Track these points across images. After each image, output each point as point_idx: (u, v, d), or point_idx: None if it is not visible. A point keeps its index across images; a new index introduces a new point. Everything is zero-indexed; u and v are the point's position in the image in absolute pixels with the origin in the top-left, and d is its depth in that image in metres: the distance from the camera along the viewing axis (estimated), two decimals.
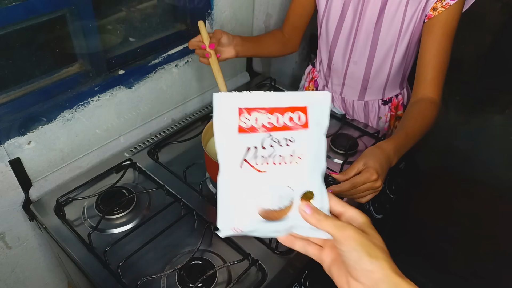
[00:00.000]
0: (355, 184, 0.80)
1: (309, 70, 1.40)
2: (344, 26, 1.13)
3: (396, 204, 1.14)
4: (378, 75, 1.16)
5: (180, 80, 1.25)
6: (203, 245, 0.88)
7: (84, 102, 1.02)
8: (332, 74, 1.25)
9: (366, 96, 1.24)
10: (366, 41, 1.11)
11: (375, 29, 1.07)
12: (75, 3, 0.93)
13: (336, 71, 1.23)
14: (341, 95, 1.28)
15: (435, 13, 0.97)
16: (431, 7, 0.98)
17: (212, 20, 1.25)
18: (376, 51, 1.11)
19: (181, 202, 0.97)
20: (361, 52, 1.14)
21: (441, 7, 0.96)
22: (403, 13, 1.02)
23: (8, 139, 0.90)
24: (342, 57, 1.19)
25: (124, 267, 0.81)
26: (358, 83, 1.21)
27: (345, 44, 1.16)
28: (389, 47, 1.09)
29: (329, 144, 1.17)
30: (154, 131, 1.24)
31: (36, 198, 1.00)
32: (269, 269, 0.83)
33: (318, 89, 1.35)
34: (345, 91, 1.26)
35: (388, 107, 1.25)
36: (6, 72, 0.90)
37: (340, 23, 1.13)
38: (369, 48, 1.12)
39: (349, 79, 1.22)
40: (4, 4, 0.81)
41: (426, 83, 1.00)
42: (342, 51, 1.18)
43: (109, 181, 1.04)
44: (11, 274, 1.06)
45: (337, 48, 1.18)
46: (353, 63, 1.17)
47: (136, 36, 1.15)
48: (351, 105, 1.28)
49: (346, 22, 1.12)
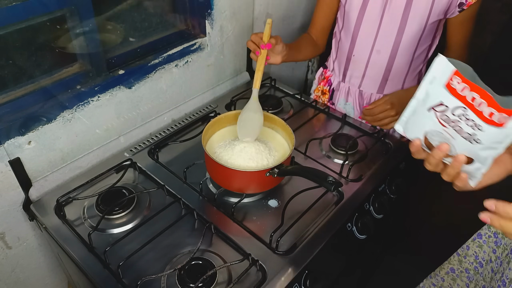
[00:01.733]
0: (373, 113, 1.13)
1: (320, 72, 1.41)
2: (367, 13, 1.13)
3: (396, 204, 1.14)
4: (400, 65, 1.17)
5: (180, 80, 1.25)
6: (203, 245, 0.88)
7: (84, 102, 1.02)
8: (352, 65, 1.25)
9: (386, 89, 1.23)
10: (392, 27, 1.10)
11: (404, 13, 1.07)
12: (75, 3, 0.93)
13: (357, 62, 1.23)
14: (359, 88, 1.28)
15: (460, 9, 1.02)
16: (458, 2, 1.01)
17: (212, 20, 1.25)
18: (403, 38, 1.11)
19: (181, 202, 0.97)
20: (385, 40, 1.14)
21: None
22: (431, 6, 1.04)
23: (8, 139, 0.90)
24: (365, 46, 1.18)
25: (124, 267, 0.81)
26: (379, 73, 1.21)
27: (369, 32, 1.16)
28: (416, 33, 1.09)
29: (329, 144, 1.17)
30: (154, 131, 1.24)
31: (36, 198, 1.00)
32: (269, 269, 0.83)
33: (331, 87, 1.35)
34: (364, 83, 1.26)
35: None
36: (6, 72, 0.90)
37: (363, 10, 1.13)
38: (395, 35, 1.11)
39: (371, 70, 1.22)
40: (4, 4, 0.81)
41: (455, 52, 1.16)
42: (365, 40, 1.17)
43: (109, 181, 1.04)
44: (11, 274, 1.06)
45: (359, 37, 1.18)
46: (376, 52, 1.17)
47: (136, 36, 1.15)
48: (369, 99, 1.28)
49: (370, 9, 1.12)
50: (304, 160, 1.12)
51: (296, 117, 1.28)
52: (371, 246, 1.26)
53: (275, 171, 0.90)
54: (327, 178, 0.81)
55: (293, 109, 1.34)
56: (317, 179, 0.84)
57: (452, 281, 1.01)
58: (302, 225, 0.92)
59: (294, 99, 1.38)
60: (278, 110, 1.31)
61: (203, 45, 1.27)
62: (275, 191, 1.02)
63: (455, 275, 1.00)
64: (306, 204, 0.95)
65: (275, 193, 1.02)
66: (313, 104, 1.34)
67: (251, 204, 0.99)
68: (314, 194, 0.97)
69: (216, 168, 0.94)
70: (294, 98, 1.38)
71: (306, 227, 0.93)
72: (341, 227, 0.95)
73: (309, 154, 1.13)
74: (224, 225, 0.93)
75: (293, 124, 1.12)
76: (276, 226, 0.90)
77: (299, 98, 1.38)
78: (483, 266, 0.92)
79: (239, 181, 0.95)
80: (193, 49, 1.25)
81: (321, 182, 0.83)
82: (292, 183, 1.05)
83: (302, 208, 0.94)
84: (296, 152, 1.13)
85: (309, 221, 0.94)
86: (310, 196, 0.97)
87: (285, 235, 0.88)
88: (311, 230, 0.92)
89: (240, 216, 0.96)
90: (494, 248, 0.88)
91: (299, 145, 1.14)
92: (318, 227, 0.93)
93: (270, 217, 0.96)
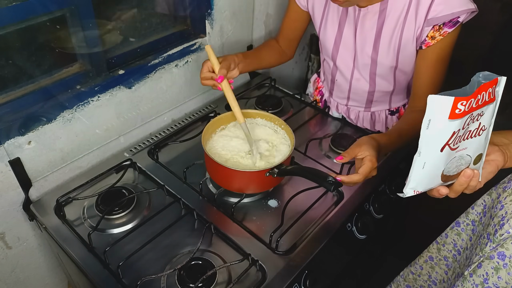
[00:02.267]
0: (365, 175, 0.84)
1: (314, 78, 1.40)
2: (342, 45, 1.11)
3: (396, 204, 1.14)
4: (382, 89, 1.15)
5: (180, 80, 1.25)
6: (203, 245, 0.88)
7: (84, 102, 1.02)
8: (336, 88, 1.24)
9: (373, 107, 1.23)
10: (366, 61, 1.09)
11: (373, 52, 1.06)
12: (75, 3, 0.93)
13: (340, 86, 1.22)
14: (346, 106, 1.27)
15: (433, 41, 0.95)
16: (429, 36, 0.95)
17: (212, 20, 1.25)
18: (377, 70, 1.10)
19: (181, 202, 0.97)
20: (362, 69, 1.12)
21: (439, 35, 0.94)
22: (399, 38, 1.00)
23: (8, 139, 0.90)
24: (345, 75, 1.17)
25: (124, 267, 0.81)
26: (363, 97, 1.20)
27: (346, 62, 1.14)
28: (390, 66, 1.07)
29: (329, 144, 1.17)
30: (154, 131, 1.24)
31: (36, 198, 1.00)
32: (269, 269, 0.83)
33: (323, 98, 1.35)
34: (350, 103, 1.25)
35: (396, 117, 1.24)
36: (6, 72, 0.90)
37: (338, 42, 1.12)
38: (369, 68, 1.10)
39: (354, 94, 1.21)
40: (4, 4, 0.81)
41: (421, 99, 1.03)
42: (344, 68, 1.16)
43: (109, 181, 1.04)
44: (11, 274, 1.06)
45: (337, 65, 1.17)
46: (356, 80, 1.16)
47: (136, 36, 1.15)
48: (356, 115, 1.27)
49: (344, 41, 1.10)
50: (304, 160, 1.12)
51: (296, 117, 1.28)
52: (371, 246, 1.25)
53: (275, 171, 0.90)
54: (327, 178, 0.81)
55: (293, 109, 1.34)
56: (317, 179, 0.84)
57: (430, 269, 1.01)
58: (302, 225, 0.92)
59: (294, 99, 1.38)
60: (278, 110, 1.31)
61: (203, 45, 1.27)
62: (275, 191, 1.02)
63: (433, 263, 1.00)
64: (306, 204, 0.95)
65: (275, 193, 1.02)
66: (313, 104, 1.34)
67: (251, 204, 0.99)
68: (314, 194, 0.97)
69: (216, 168, 0.93)
70: (294, 98, 1.38)
71: (306, 227, 0.93)
72: (341, 227, 0.95)
73: (309, 154, 1.13)
74: (224, 225, 0.93)
75: (293, 124, 1.12)
76: (276, 226, 0.90)
77: (299, 98, 1.38)
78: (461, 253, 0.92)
79: (239, 181, 0.95)
80: (193, 49, 1.25)
81: (321, 182, 0.83)
82: (292, 183, 1.05)
83: (302, 208, 0.94)
84: (296, 152, 1.13)
85: (309, 221, 0.94)
86: (310, 196, 0.97)
87: (285, 235, 0.88)
88: (311, 230, 0.92)
89: (240, 216, 0.96)
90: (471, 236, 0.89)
91: (299, 145, 1.14)
92: (318, 227, 0.93)
93: (270, 217, 0.96)
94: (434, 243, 0.99)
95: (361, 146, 0.86)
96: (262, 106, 1.30)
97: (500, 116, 1.90)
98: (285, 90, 1.41)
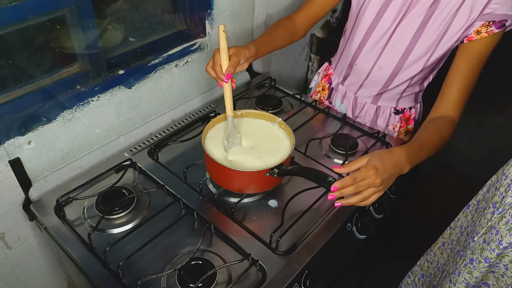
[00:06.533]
0: (355, 178, 0.78)
1: (325, 67, 1.39)
2: (378, 28, 1.09)
3: (396, 204, 1.14)
4: (399, 84, 1.14)
5: (180, 80, 1.25)
6: (203, 245, 0.88)
7: (84, 102, 1.02)
8: (353, 73, 1.22)
9: (380, 101, 1.22)
10: (400, 47, 1.07)
11: (414, 36, 1.03)
12: (75, 3, 0.93)
13: (357, 71, 1.20)
14: (355, 95, 1.26)
15: (477, 36, 0.95)
16: (475, 30, 0.95)
17: (212, 20, 1.25)
18: (408, 59, 1.07)
19: (181, 202, 0.97)
20: (390, 57, 1.10)
21: (485, 32, 0.94)
22: (447, 26, 0.99)
23: (8, 139, 0.90)
24: (368, 59, 1.15)
25: (124, 267, 0.81)
26: (377, 87, 1.18)
27: (374, 47, 1.12)
28: (422, 56, 1.05)
29: (329, 144, 1.17)
30: (154, 131, 1.24)
31: (36, 198, 1.00)
32: (269, 269, 0.83)
33: (331, 86, 1.34)
34: (360, 92, 1.24)
35: (399, 117, 1.24)
36: (6, 72, 0.90)
37: (374, 24, 1.09)
38: (401, 55, 1.08)
39: (369, 82, 1.19)
40: (4, 4, 0.81)
41: (449, 102, 1.00)
42: (370, 53, 1.14)
43: (109, 181, 1.04)
44: (11, 274, 1.06)
45: (364, 49, 1.14)
46: (378, 68, 1.14)
47: (136, 36, 1.15)
48: (362, 106, 1.27)
49: (382, 24, 1.08)
50: (304, 160, 1.12)
51: (296, 117, 1.28)
52: (371, 246, 1.25)
53: (275, 171, 0.90)
54: (327, 178, 0.81)
55: (293, 109, 1.34)
56: (317, 179, 0.84)
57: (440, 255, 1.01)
58: (302, 225, 0.92)
59: (294, 99, 1.38)
60: (278, 110, 1.31)
61: (203, 45, 1.27)
62: (275, 191, 1.02)
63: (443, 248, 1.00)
64: (306, 204, 0.95)
65: (275, 193, 1.02)
66: (313, 104, 1.34)
67: (251, 204, 0.99)
68: (314, 194, 0.97)
69: (216, 168, 0.93)
70: (294, 98, 1.38)
71: (306, 227, 0.93)
72: (341, 227, 0.95)
73: (309, 154, 1.13)
74: (224, 225, 0.93)
75: (293, 124, 1.12)
76: (276, 226, 0.90)
77: (299, 98, 1.38)
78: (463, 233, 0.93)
79: (239, 181, 0.95)
80: (193, 49, 1.25)
81: (320, 182, 0.83)
82: (292, 183, 1.05)
83: (302, 208, 0.94)
84: (296, 152, 1.13)
85: (309, 221, 0.94)
86: (310, 196, 0.97)
87: (285, 235, 0.88)
88: (311, 230, 0.92)
89: (240, 216, 0.96)
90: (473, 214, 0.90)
91: (299, 145, 1.14)
92: (318, 227, 0.93)
93: (270, 217, 0.96)
94: (448, 228, 0.99)
95: (366, 157, 0.82)
96: (262, 106, 1.30)
97: (500, 116, 1.90)
98: (285, 90, 1.41)
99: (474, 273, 0.78)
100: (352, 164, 0.82)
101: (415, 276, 1.10)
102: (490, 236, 0.75)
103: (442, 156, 1.89)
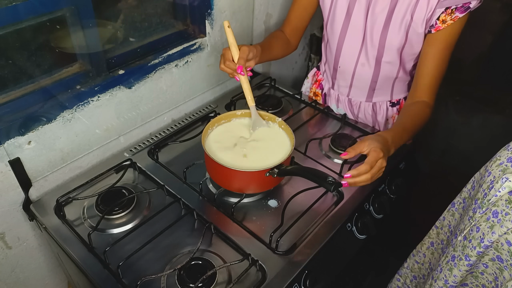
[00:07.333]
0: (371, 164, 0.85)
1: (313, 73, 1.40)
2: (350, 28, 1.12)
3: (396, 204, 1.14)
4: (386, 76, 1.16)
5: (180, 80, 1.25)
6: (203, 245, 0.88)
7: (84, 102, 1.02)
8: (339, 76, 1.24)
9: (374, 97, 1.23)
10: (374, 41, 1.09)
11: (384, 28, 1.06)
12: (75, 3, 0.93)
13: (343, 73, 1.22)
14: (348, 97, 1.27)
15: (444, 25, 0.97)
16: (440, 20, 0.97)
17: (212, 20, 1.25)
18: (384, 52, 1.10)
19: (181, 202, 0.97)
20: (369, 54, 1.12)
21: (450, 20, 0.95)
22: (410, 19, 1.01)
23: (8, 139, 0.90)
24: (349, 59, 1.17)
25: (124, 267, 0.81)
26: (366, 84, 1.20)
27: (352, 46, 1.15)
28: (396, 48, 1.08)
29: (329, 144, 1.17)
30: (154, 131, 1.24)
31: (36, 198, 1.00)
32: (269, 269, 0.83)
33: (323, 91, 1.35)
34: (352, 92, 1.25)
35: (397, 109, 1.24)
36: (6, 72, 0.90)
37: (346, 25, 1.12)
38: (376, 51, 1.11)
39: (357, 81, 1.21)
40: (4, 4, 0.81)
41: (423, 89, 1.06)
42: (349, 53, 1.16)
43: (109, 181, 1.04)
44: (11, 274, 1.06)
45: (343, 50, 1.17)
46: (361, 65, 1.16)
47: (136, 36, 1.15)
48: (358, 107, 1.28)
49: (353, 24, 1.11)
50: (304, 160, 1.12)
51: (296, 117, 1.28)
52: (371, 246, 1.25)
53: (275, 171, 0.90)
54: (327, 178, 0.81)
55: (293, 109, 1.34)
56: (317, 179, 0.84)
57: (431, 256, 1.01)
58: (302, 225, 0.92)
59: (294, 99, 1.38)
60: (278, 110, 1.31)
61: (203, 45, 1.27)
62: (275, 191, 1.02)
63: (433, 248, 1.00)
64: (306, 204, 0.95)
65: (275, 193, 1.02)
66: (313, 104, 1.34)
67: (251, 204, 0.99)
68: (314, 194, 0.97)
69: (216, 168, 0.93)
70: (294, 98, 1.38)
71: (306, 227, 0.93)
72: (341, 227, 0.95)
73: (309, 154, 1.13)
74: (224, 225, 0.93)
75: (293, 124, 1.12)
76: (276, 226, 0.90)
77: (299, 98, 1.38)
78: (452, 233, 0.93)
79: (239, 181, 0.95)
80: (193, 49, 1.25)
81: (321, 182, 0.83)
82: (292, 183, 1.05)
83: (302, 208, 0.94)
84: (296, 152, 1.13)
85: (309, 221, 0.94)
86: (310, 196, 0.97)
87: (285, 235, 0.88)
88: (311, 230, 0.92)
89: (240, 216, 0.96)
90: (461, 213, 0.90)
91: (299, 145, 1.14)
92: (318, 227, 0.93)
93: (270, 217, 0.96)
94: (434, 227, 0.99)
95: (366, 141, 0.88)
96: (262, 106, 1.30)
97: (500, 116, 1.90)
98: (285, 90, 1.41)
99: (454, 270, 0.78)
100: (357, 148, 0.89)
101: (405, 278, 1.09)
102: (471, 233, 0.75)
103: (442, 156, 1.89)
